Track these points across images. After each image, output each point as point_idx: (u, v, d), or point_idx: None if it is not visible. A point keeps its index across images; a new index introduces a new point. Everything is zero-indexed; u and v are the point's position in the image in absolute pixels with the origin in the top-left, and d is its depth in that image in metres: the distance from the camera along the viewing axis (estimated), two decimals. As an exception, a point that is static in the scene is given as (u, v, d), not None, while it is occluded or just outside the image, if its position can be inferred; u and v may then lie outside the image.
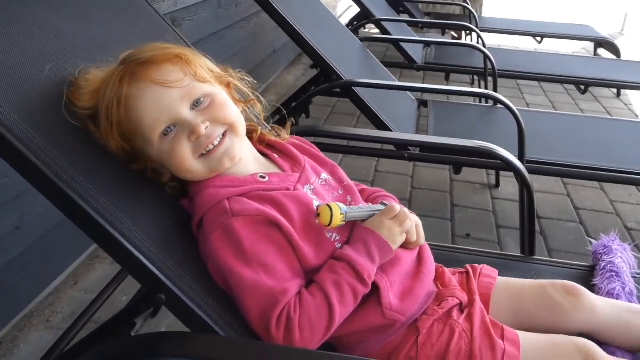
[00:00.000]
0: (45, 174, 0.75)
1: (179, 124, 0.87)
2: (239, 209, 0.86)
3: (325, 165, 1.06)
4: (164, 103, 0.86)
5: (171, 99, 0.86)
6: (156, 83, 0.85)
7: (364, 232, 0.92)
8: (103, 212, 0.79)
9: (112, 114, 0.85)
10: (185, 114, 0.87)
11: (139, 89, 0.85)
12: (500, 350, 0.91)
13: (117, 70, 0.87)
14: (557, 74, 3.31)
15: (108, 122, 0.85)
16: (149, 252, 0.82)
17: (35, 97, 0.82)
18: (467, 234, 2.32)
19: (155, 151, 0.88)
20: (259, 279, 0.82)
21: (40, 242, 1.72)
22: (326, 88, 1.97)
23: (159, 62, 0.87)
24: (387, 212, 0.94)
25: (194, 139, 0.87)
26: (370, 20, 3.27)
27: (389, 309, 0.91)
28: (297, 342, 0.82)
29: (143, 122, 0.86)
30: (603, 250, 1.32)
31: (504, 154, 1.34)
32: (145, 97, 0.85)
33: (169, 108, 0.86)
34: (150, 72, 0.85)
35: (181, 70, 0.88)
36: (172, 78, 0.86)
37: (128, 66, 0.86)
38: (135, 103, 0.85)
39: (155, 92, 0.85)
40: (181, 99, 0.87)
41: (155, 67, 0.86)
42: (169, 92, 0.86)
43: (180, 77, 0.87)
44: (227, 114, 0.91)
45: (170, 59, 0.88)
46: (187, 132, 0.87)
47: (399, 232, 0.93)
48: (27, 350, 1.61)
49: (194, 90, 0.88)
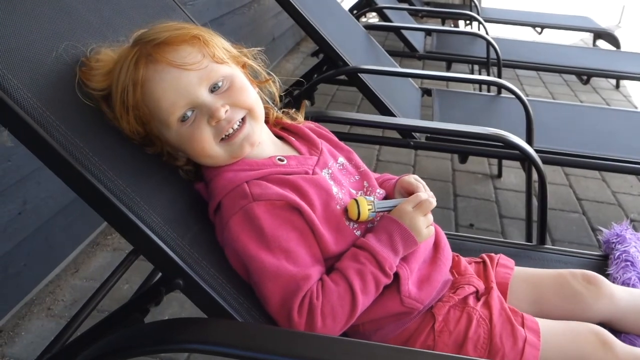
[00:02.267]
0: (59, 153, 0.73)
1: (197, 107, 0.84)
2: (259, 193, 0.84)
3: (341, 150, 1.04)
4: (182, 86, 0.83)
5: (189, 82, 0.83)
6: (174, 65, 0.82)
7: (388, 223, 0.90)
8: (120, 195, 0.76)
9: (127, 98, 0.82)
10: (205, 97, 0.84)
11: (156, 71, 0.82)
12: (522, 339, 0.90)
13: (131, 52, 0.83)
14: (557, 64, 3.30)
15: (123, 106, 0.82)
16: (165, 236, 0.79)
17: (48, 75, 0.79)
18: (471, 224, 2.31)
19: (174, 135, 0.86)
20: (281, 264, 0.81)
21: (42, 229, 1.69)
22: (333, 74, 1.94)
23: (176, 43, 0.83)
24: (411, 200, 0.92)
25: (214, 123, 0.85)
26: (373, 7, 3.24)
27: (407, 296, 0.90)
28: (318, 330, 0.80)
29: (160, 106, 0.83)
30: (616, 239, 1.31)
31: (517, 141, 1.32)
32: (163, 80, 0.82)
33: (188, 91, 0.83)
34: (167, 54, 0.82)
35: (199, 52, 0.85)
36: (190, 60, 0.83)
37: (143, 48, 0.83)
38: (152, 86, 0.82)
39: (173, 74, 0.82)
40: (200, 82, 0.84)
41: (172, 49, 0.83)
42: (187, 75, 0.83)
43: (199, 58, 0.84)
44: (247, 98, 0.88)
45: (187, 39, 0.85)
46: (206, 116, 0.84)
47: (423, 223, 0.90)
48: (29, 339, 1.58)
49: (213, 72, 0.85)
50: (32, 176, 1.58)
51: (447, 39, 3.71)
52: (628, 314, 1.03)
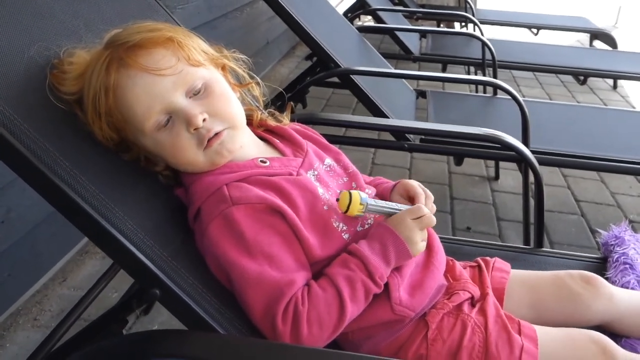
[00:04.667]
0: (27, 157, 0.69)
1: (174, 113, 0.80)
2: (239, 196, 0.80)
3: (329, 151, 1.00)
4: (156, 91, 0.78)
5: (164, 87, 0.79)
6: (146, 70, 0.78)
7: (383, 232, 0.86)
8: (92, 201, 0.73)
9: (99, 104, 0.78)
10: (180, 102, 0.80)
11: (128, 77, 0.78)
12: (519, 347, 0.86)
13: (102, 55, 0.79)
14: (554, 64, 3.27)
15: (95, 112, 0.78)
16: (141, 244, 0.76)
17: (17, 78, 0.75)
18: (468, 227, 2.27)
19: (151, 142, 0.82)
20: (263, 270, 0.77)
21: (28, 237, 1.65)
22: (324, 76, 1.91)
23: (148, 46, 0.79)
24: (413, 211, 0.88)
25: (193, 131, 0.81)
26: (367, 10, 3.22)
27: (398, 304, 0.86)
28: (304, 338, 0.76)
29: (134, 112, 0.79)
30: (615, 242, 1.27)
31: (513, 142, 1.28)
32: (136, 86, 0.78)
33: (162, 96, 0.79)
34: (139, 58, 0.78)
35: (173, 55, 0.80)
36: (164, 64, 0.79)
37: (115, 51, 0.78)
38: (125, 92, 0.78)
39: (146, 80, 0.78)
40: (175, 87, 0.80)
41: (145, 52, 0.78)
42: (161, 80, 0.78)
43: (173, 62, 0.80)
44: (227, 107, 0.85)
45: (161, 42, 0.80)
46: (184, 123, 0.80)
47: (419, 237, 0.87)
48: (14, 350, 1.54)
49: (188, 76, 0.81)
50: (16, 183, 1.54)
51: (442, 40, 3.69)
52: (628, 315, 1.00)
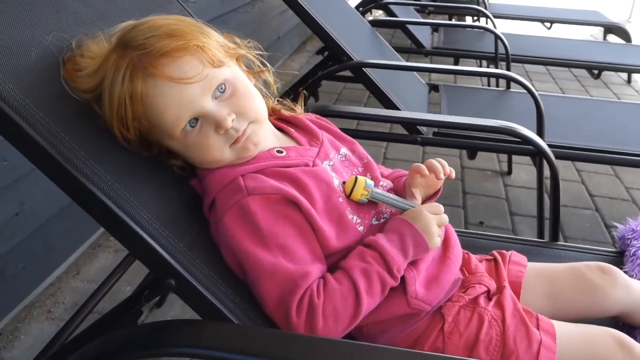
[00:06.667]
0: (44, 147, 0.69)
1: (203, 117, 0.80)
2: (255, 187, 0.80)
3: (344, 141, 1.00)
4: (185, 100, 0.78)
5: (192, 94, 0.78)
6: (174, 81, 0.76)
7: (401, 224, 0.85)
8: (107, 191, 0.73)
9: (125, 112, 0.77)
10: (209, 106, 0.80)
11: (155, 86, 0.76)
12: (537, 341, 0.85)
13: (122, 62, 0.76)
14: (567, 58, 3.23)
15: (119, 118, 0.77)
16: (157, 234, 0.75)
17: (33, 68, 0.74)
18: (481, 221, 2.26)
19: (178, 145, 0.82)
20: (278, 262, 0.76)
21: (41, 230, 1.65)
22: (337, 69, 1.90)
23: (174, 55, 0.77)
24: (432, 206, 0.88)
25: (222, 132, 0.80)
26: (379, 3, 3.19)
27: (414, 297, 0.85)
28: (319, 331, 0.75)
29: (164, 120, 0.78)
30: (632, 235, 1.26)
31: (529, 134, 1.27)
32: (165, 95, 0.77)
33: (192, 103, 0.78)
34: (165, 68, 0.76)
35: (198, 61, 0.79)
36: (191, 73, 0.77)
37: (137, 60, 0.76)
38: (154, 101, 0.77)
39: (175, 89, 0.77)
40: (202, 92, 0.79)
41: (170, 62, 0.76)
42: (188, 88, 0.77)
43: (199, 69, 0.78)
44: (252, 105, 0.85)
45: (186, 48, 0.78)
46: (213, 125, 0.80)
47: (436, 230, 0.86)
48: (28, 342, 1.55)
49: (214, 79, 0.80)
50: (30, 176, 1.55)
51: (454, 34, 3.65)
52: None
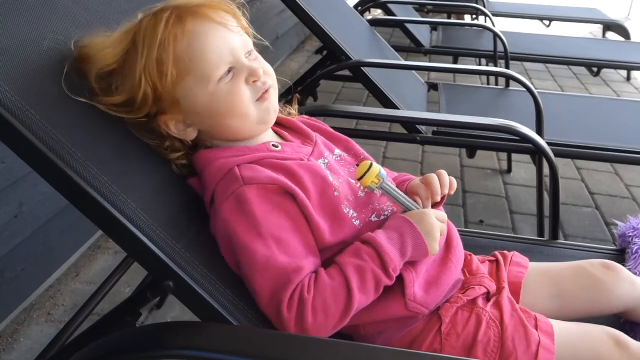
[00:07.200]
0: (39, 148, 0.69)
1: (237, 67, 0.83)
2: (251, 176, 0.80)
3: (338, 142, 0.99)
4: (230, 44, 0.83)
5: (235, 43, 0.84)
6: (220, 23, 0.82)
7: (403, 223, 0.84)
8: (104, 191, 0.72)
9: (166, 51, 0.78)
10: (245, 60, 0.85)
11: (203, 25, 0.81)
12: (535, 342, 0.85)
13: (160, 13, 0.80)
14: (566, 55, 3.23)
15: (150, 67, 0.78)
16: (154, 236, 0.75)
17: (28, 69, 0.74)
18: (480, 220, 2.25)
19: (208, 93, 0.82)
20: (271, 255, 0.76)
21: (40, 232, 1.65)
22: (335, 68, 1.89)
23: (215, 7, 0.84)
24: (439, 213, 0.89)
25: (252, 82, 0.84)
26: (377, 2, 3.19)
27: (412, 300, 0.84)
28: (309, 325, 0.75)
29: (207, 59, 0.81)
30: (632, 233, 1.25)
31: (528, 132, 1.26)
32: (212, 36, 0.81)
33: (234, 50, 0.83)
34: (210, 13, 0.82)
35: (236, 23, 0.86)
36: (231, 24, 0.84)
37: (182, 5, 0.81)
38: (201, 38, 0.80)
39: (221, 32, 0.82)
40: (242, 47, 0.85)
41: (213, 10, 0.83)
42: (232, 36, 0.84)
43: (236, 26, 0.86)
44: (272, 71, 0.90)
45: (224, 7, 0.85)
46: (244, 74, 0.83)
47: (438, 237, 0.85)
48: (28, 345, 1.55)
49: (247, 42, 0.87)
50: (28, 178, 1.55)
51: (453, 32, 3.65)
52: None
